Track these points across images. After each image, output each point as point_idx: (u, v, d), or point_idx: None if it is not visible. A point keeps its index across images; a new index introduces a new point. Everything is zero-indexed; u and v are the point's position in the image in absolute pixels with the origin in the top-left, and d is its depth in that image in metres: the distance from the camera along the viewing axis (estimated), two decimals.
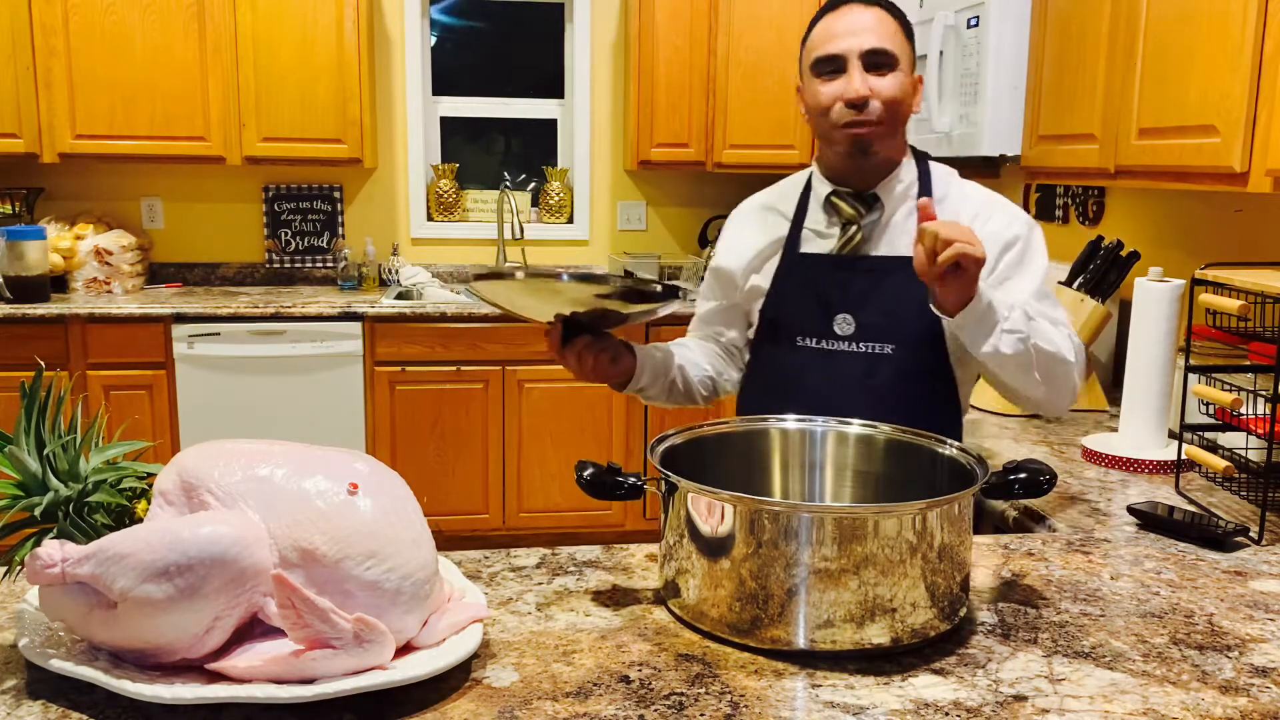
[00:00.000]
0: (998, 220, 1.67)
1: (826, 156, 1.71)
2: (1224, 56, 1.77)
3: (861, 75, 1.59)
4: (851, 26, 1.60)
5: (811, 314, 1.68)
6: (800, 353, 1.69)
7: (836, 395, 1.61)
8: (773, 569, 1.09)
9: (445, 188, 4.53)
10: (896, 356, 1.63)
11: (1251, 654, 1.13)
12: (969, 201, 1.70)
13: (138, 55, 3.88)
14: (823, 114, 1.63)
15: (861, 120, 1.60)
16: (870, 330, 1.64)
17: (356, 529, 0.99)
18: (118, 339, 3.74)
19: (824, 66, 1.62)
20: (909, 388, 1.63)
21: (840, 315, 1.66)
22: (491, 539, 3.99)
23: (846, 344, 1.66)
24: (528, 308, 1.54)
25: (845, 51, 1.60)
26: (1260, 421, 1.57)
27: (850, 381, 1.64)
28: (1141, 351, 1.94)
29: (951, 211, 1.67)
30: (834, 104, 1.61)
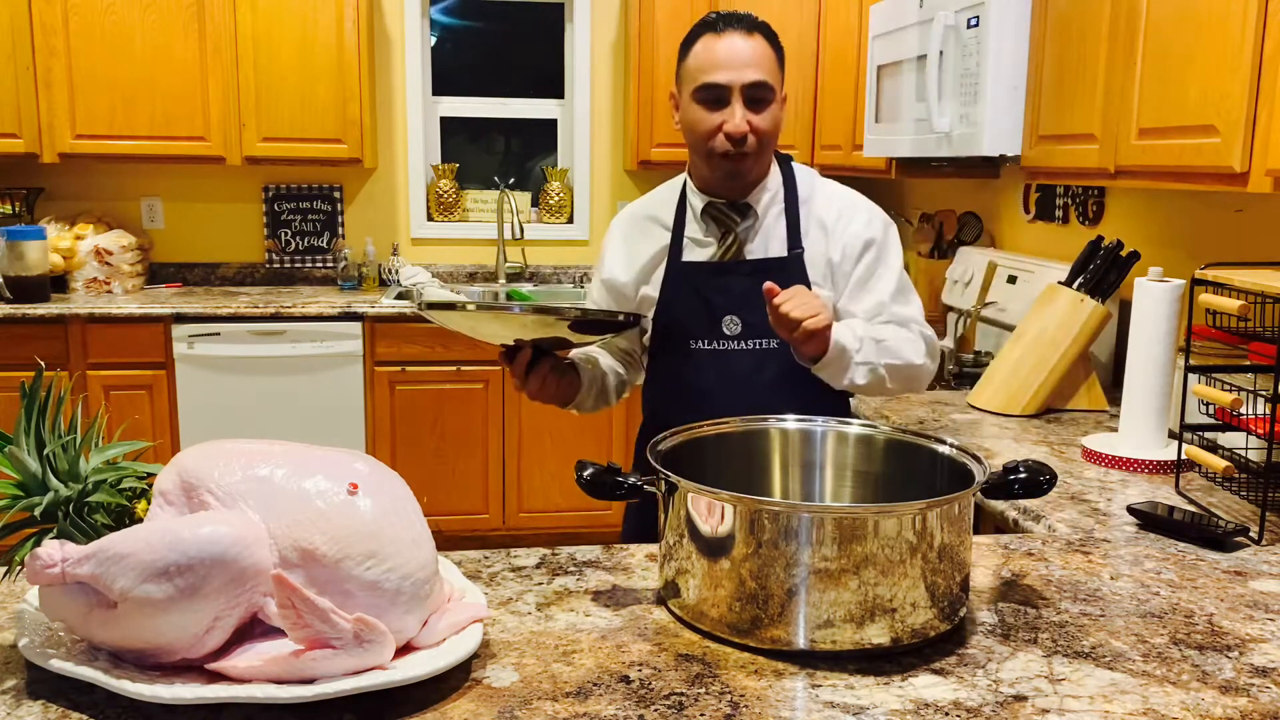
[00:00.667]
0: (859, 220, 1.81)
1: (701, 171, 1.80)
2: (1224, 56, 1.77)
3: (742, 111, 1.69)
4: (734, 57, 1.68)
5: (700, 318, 1.78)
6: (694, 355, 1.79)
7: (732, 391, 1.75)
8: (773, 569, 1.09)
9: (445, 188, 4.53)
10: (782, 350, 1.72)
11: (1251, 654, 1.14)
12: (832, 202, 1.82)
13: (138, 55, 3.89)
14: (702, 139, 1.72)
15: (737, 153, 1.71)
16: (756, 328, 1.74)
17: (356, 529, 0.99)
18: (118, 339, 3.75)
19: (706, 94, 1.70)
20: (797, 378, 1.73)
21: (727, 316, 1.77)
22: (491, 539, 3.99)
23: (736, 343, 1.77)
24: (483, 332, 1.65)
25: (729, 83, 1.68)
26: (1260, 421, 1.57)
27: (743, 377, 1.76)
28: (1141, 351, 1.94)
29: (817, 211, 1.80)
30: (714, 134, 1.70)
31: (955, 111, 2.66)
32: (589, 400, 1.86)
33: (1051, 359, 2.35)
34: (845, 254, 1.78)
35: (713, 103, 1.70)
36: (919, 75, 2.84)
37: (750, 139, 1.70)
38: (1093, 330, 2.35)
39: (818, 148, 4.05)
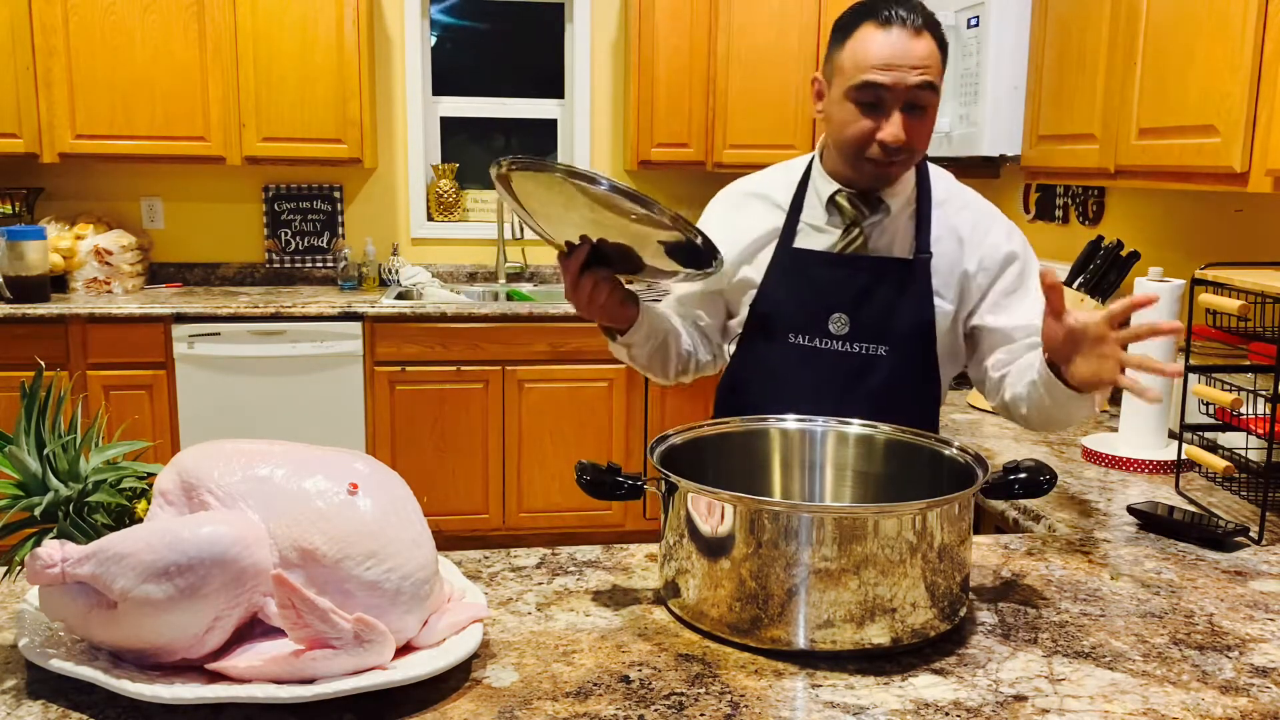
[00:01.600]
0: (997, 232, 1.69)
1: (838, 163, 1.65)
2: (1224, 57, 1.77)
3: (901, 120, 1.53)
4: (901, 57, 1.51)
5: (805, 310, 1.65)
6: (791, 349, 1.66)
7: (826, 394, 1.60)
8: (773, 569, 1.09)
9: (445, 188, 4.53)
10: (890, 358, 1.62)
11: (1251, 654, 1.13)
12: (968, 210, 1.70)
13: (138, 55, 3.88)
14: (852, 143, 1.58)
15: (892, 162, 1.57)
16: (865, 330, 1.63)
17: (356, 529, 0.99)
18: (118, 339, 3.74)
19: (863, 95, 1.54)
20: (900, 388, 1.63)
21: (836, 314, 1.63)
22: (491, 539, 3.99)
23: (840, 343, 1.64)
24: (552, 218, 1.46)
25: (892, 85, 1.51)
26: (1260, 421, 1.57)
27: (843, 381, 1.63)
28: (1142, 351, 1.94)
29: (951, 217, 1.67)
30: (868, 141, 1.56)
31: (955, 111, 2.66)
32: (645, 347, 1.66)
33: None
34: (983, 266, 1.65)
35: (869, 105, 1.53)
36: None
37: (905, 149, 1.55)
38: None
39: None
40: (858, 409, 1.47)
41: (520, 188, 1.43)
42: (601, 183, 1.35)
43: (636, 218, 1.38)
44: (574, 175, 1.36)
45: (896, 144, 1.54)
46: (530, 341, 3.89)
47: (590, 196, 1.37)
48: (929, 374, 1.66)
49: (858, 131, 1.56)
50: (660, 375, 1.74)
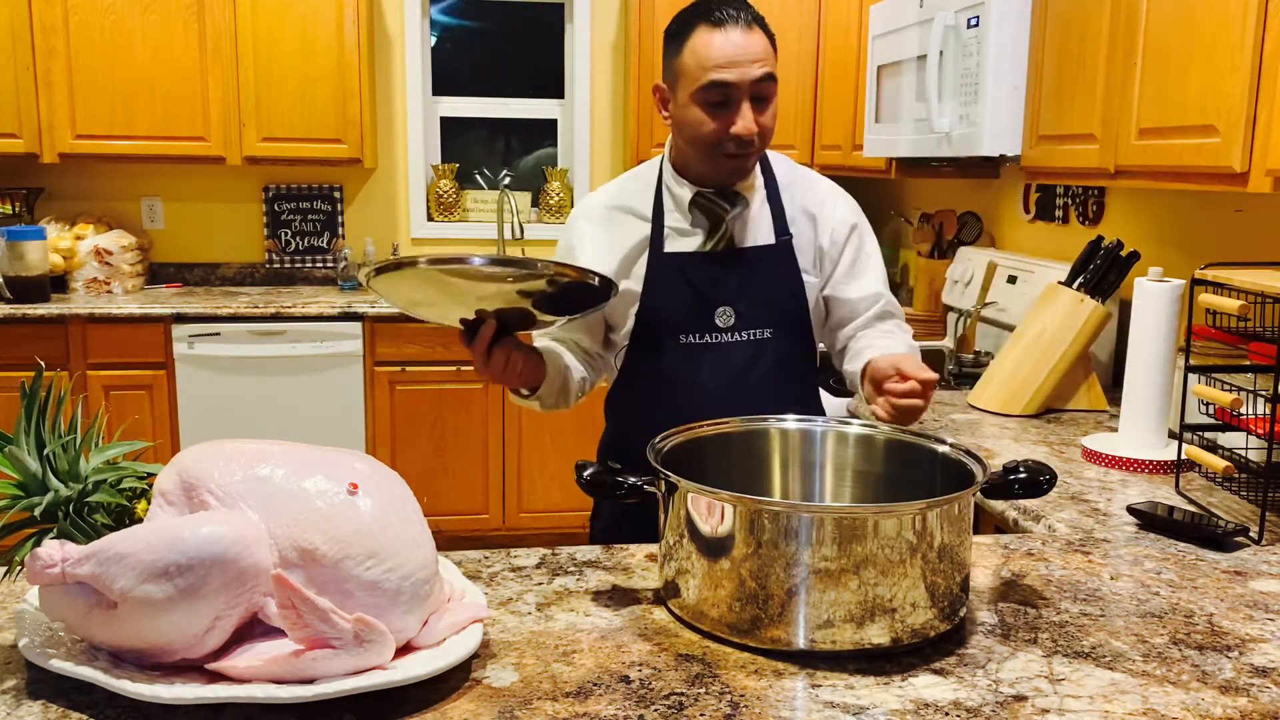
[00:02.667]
0: (842, 206, 1.80)
1: (692, 164, 1.71)
2: (1224, 56, 1.77)
3: (750, 112, 1.61)
4: (739, 54, 1.58)
5: (691, 311, 1.71)
6: (684, 349, 1.72)
7: (723, 385, 1.70)
8: (773, 569, 1.09)
9: (445, 188, 4.53)
10: (774, 339, 1.72)
11: (1251, 654, 1.14)
12: (814, 189, 1.80)
13: (138, 55, 3.89)
14: (706, 141, 1.64)
15: (747, 154, 1.65)
16: (750, 318, 1.71)
17: (356, 529, 0.99)
18: (118, 339, 3.75)
19: (712, 94, 1.60)
20: (788, 366, 1.74)
21: (720, 308, 1.71)
22: (491, 539, 3.99)
23: (729, 335, 1.72)
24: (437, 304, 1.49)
25: (737, 82, 1.59)
26: (1260, 421, 1.57)
27: (737, 370, 1.71)
28: (1141, 351, 1.94)
29: (799, 198, 1.77)
30: (721, 138, 1.63)
31: (955, 111, 2.66)
32: (551, 393, 1.72)
33: (1051, 359, 2.35)
34: (833, 239, 1.77)
35: (717, 105, 1.61)
36: (919, 75, 2.84)
37: (757, 139, 1.64)
38: (1093, 330, 2.35)
39: (818, 148, 4.06)
40: (755, 392, 1.59)
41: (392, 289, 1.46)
42: (473, 260, 1.38)
43: (520, 279, 1.42)
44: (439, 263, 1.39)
45: (750, 136, 1.62)
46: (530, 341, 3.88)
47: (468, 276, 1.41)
48: (808, 347, 1.80)
49: (711, 130, 1.63)
50: (563, 407, 1.80)
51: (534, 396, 1.70)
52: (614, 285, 1.50)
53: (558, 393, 1.74)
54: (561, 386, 1.74)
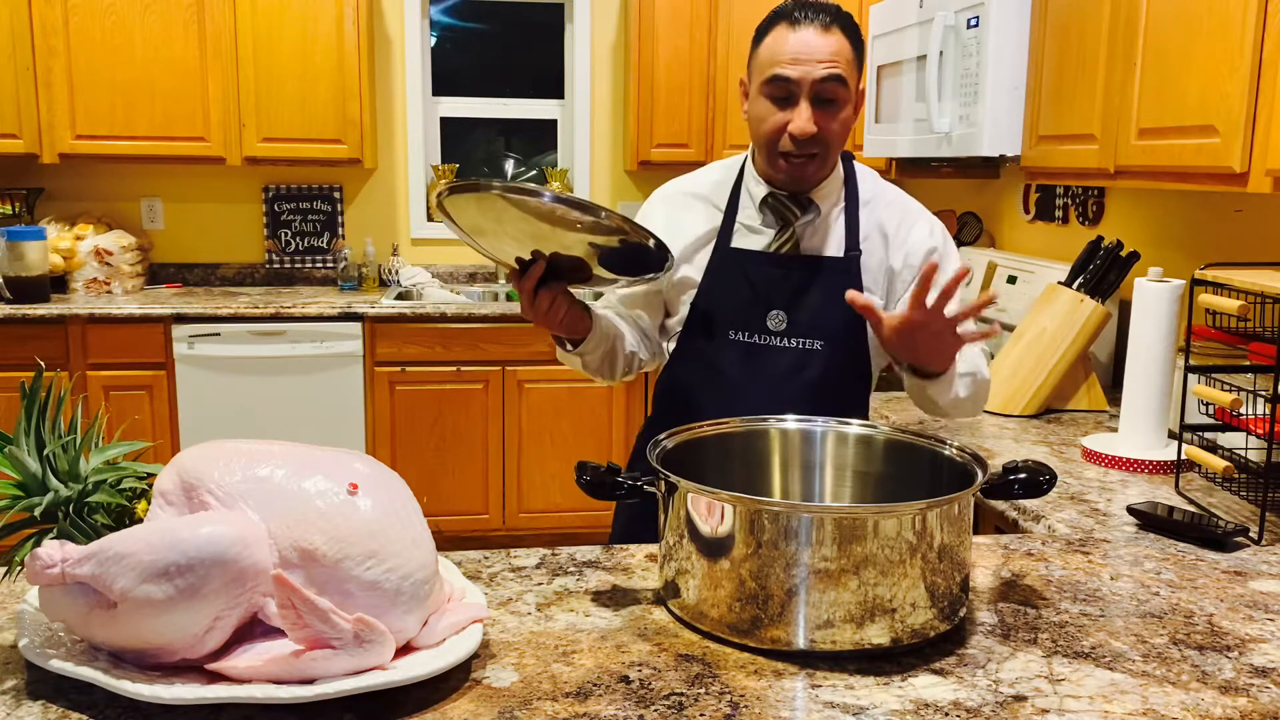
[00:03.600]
0: (921, 228, 1.74)
1: (763, 165, 1.71)
2: (1224, 56, 1.77)
3: (809, 112, 1.59)
4: (808, 51, 1.58)
5: (745, 308, 1.70)
6: (731, 346, 1.71)
7: (765, 389, 1.67)
8: (773, 569, 1.09)
9: None
10: (825, 352, 1.68)
11: (1251, 654, 1.14)
12: (894, 208, 1.75)
13: (138, 55, 3.89)
14: (766, 136, 1.64)
15: (803, 155, 1.62)
16: (802, 326, 1.68)
17: (356, 529, 0.99)
18: (118, 339, 3.75)
19: (774, 89, 1.60)
20: (834, 383, 1.69)
21: (773, 311, 1.69)
22: (491, 539, 3.99)
23: (778, 339, 1.69)
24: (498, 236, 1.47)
25: (799, 79, 1.58)
26: (1260, 421, 1.57)
27: (781, 376, 1.69)
28: (1141, 352, 1.94)
29: (878, 215, 1.73)
30: (779, 134, 1.62)
31: (955, 112, 2.66)
32: (596, 354, 1.70)
33: (1051, 359, 2.35)
34: (907, 262, 1.71)
35: (780, 99, 1.60)
36: (919, 75, 2.84)
37: (816, 140, 1.61)
38: (1093, 330, 2.35)
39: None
40: (795, 401, 1.54)
41: (459, 211, 1.45)
42: (544, 195, 1.37)
43: (583, 226, 1.40)
44: (513, 191, 1.38)
45: (804, 135, 1.59)
46: (530, 342, 3.89)
47: (532, 210, 1.39)
48: (861, 367, 1.73)
49: (770, 125, 1.63)
50: (607, 378, 1.78)
51: (577, 351, 1.68)
52: (670, 256, 1.48)
53: (603, 357, 1.72)
54: (609, 352, 1.72)
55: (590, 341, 1.67)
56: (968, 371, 1.65)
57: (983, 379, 1.70)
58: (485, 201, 1.40)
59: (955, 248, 1.79)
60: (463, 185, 1.39)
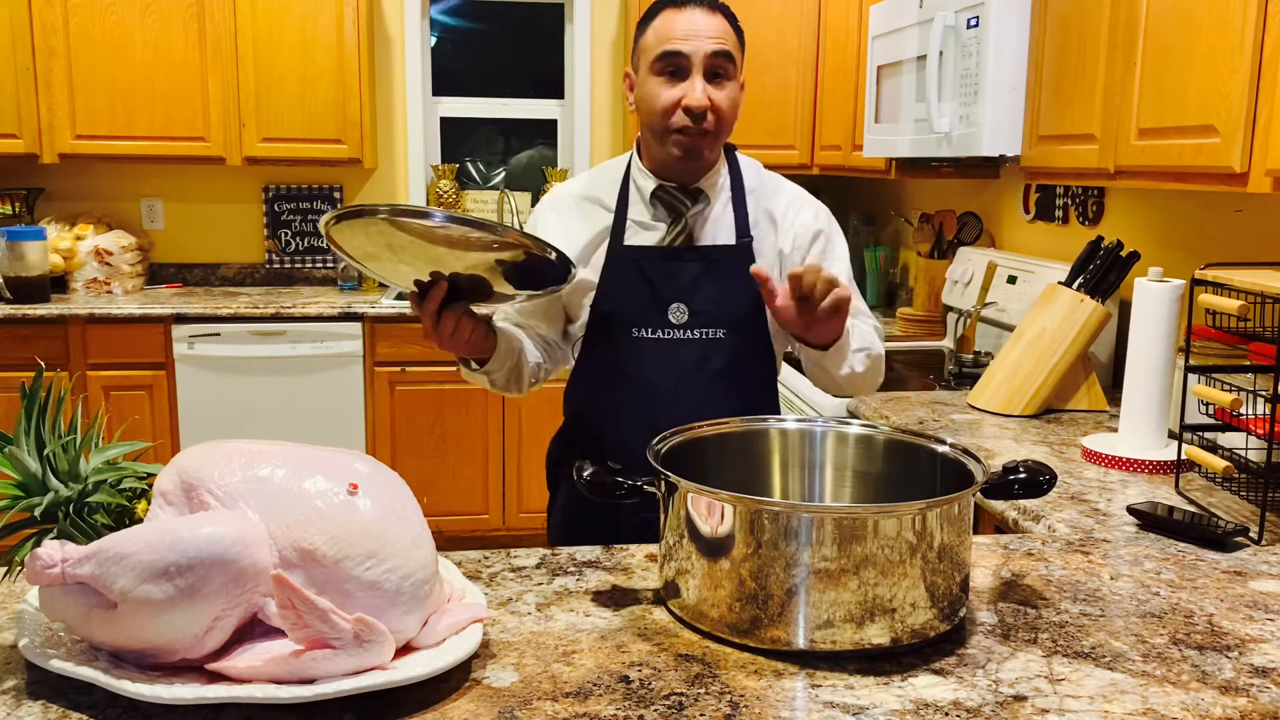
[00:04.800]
0: (807, 212, 1.79)
1: (653, 152, 1.73)
2: (1224, 56, 1.77)
3: (703, 84, 1.62)
4: (696, 29, 1.62)
5: (645, 305, 1.71)
6: (636, 343, 1.71)
7: (674, 382, 1.70)
8: (772, 569, 1.09)
9: (445, 188, 4.53)
10: (728, 340, 1.70)
11: (1251, 654, 1.14)
12: (780, 193, 1.80)
13: (138, 55, 3.89)
14: (660, 115, 1.65)
15: (697, 130, 1.64)
16: (703, 316, 1.70)
17: (356, 529, 0.99)
18: (118, 339, 3.75)
19: (665, 65, 1.63)
20: (740, 369, 1.72)
21: (674, 304, 1.70)
22: (491, 539, 3.99)
23: (682, 332, 1.71)
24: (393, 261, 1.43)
25: (690, 53, 1.62)
26: (1260, 421, 1.57)
27: (687, 368, 1.70)
28: (1141, 352, 1.94)
29: (765, 202, 1.77)
30: (674, 109, 1.64)
31: (955, 112, 2.66)
32: (502, 371, 1.70)
33: (1051, 359, 2.35)
34: (795, 244, 1.76)
35: (671, 74, 1.63)
36: (919, 75, 2.84)
37: (710, 116, 1.63)
38: (1093, 330, 2.35)
39: (818, 148, 4.06)
40: (704, 391, 1.58)
41: (348, 239, 1.41)
42: (435, 215, 1.34)
43: (479, 244, 1.37)
44: (402, 214, 1.35)
45: (701, 108, 1.62)
46: None
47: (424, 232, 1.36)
48: (765, 350, 1.76)
49: (663, 102, 1.64)
50: (514, 391, 1.78)
51: (483, 370, 1.68)
52: (572, 265, 1.46)
53: (509, 372, 1.72)
54: (514, 367, 1.73)
55: (496, 359, 1.66)
56: (861, 347, 1.69)
57: (877, 354, 1.74)
58: (374, 227, 1.36)
59: (840, 230, 1.85)
60: (349, 212, 1.35)
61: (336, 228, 1.38)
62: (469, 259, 1.40)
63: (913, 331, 3.57)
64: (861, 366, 1.69)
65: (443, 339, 1.53)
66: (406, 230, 1.36)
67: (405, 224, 1.35)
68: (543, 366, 1.81)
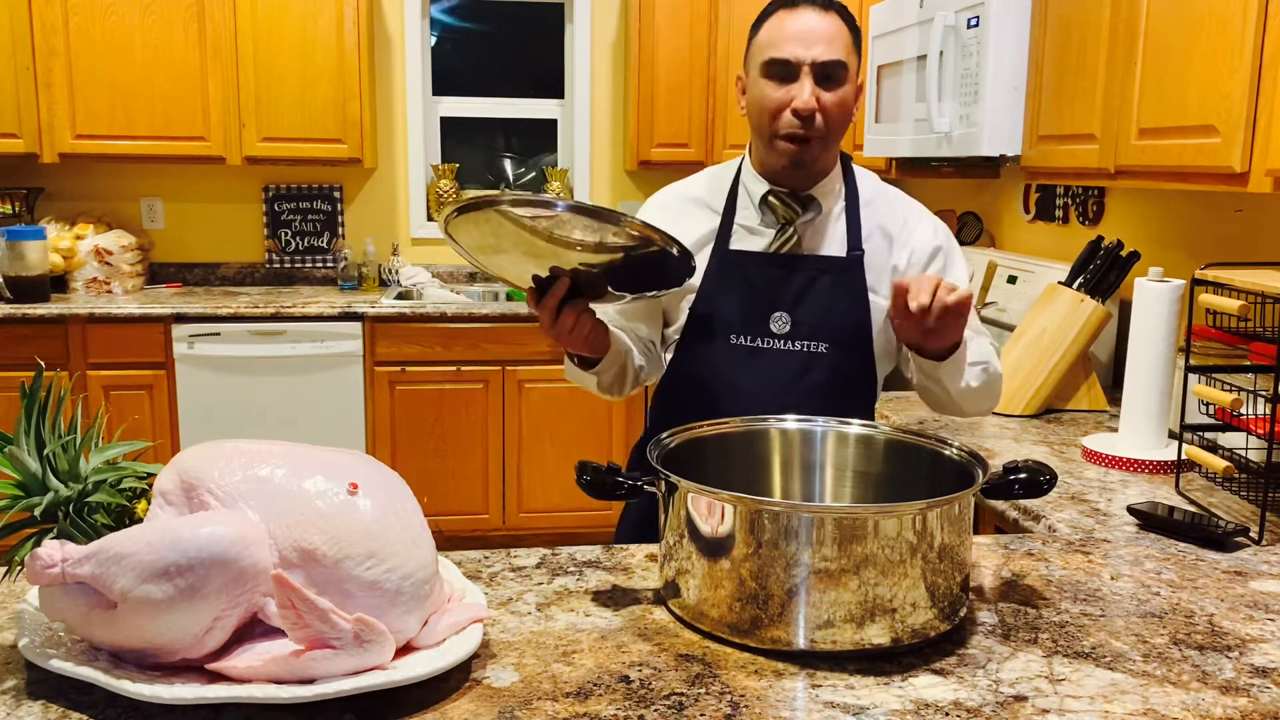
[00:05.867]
0: (924, 228, 1.73)
1: (763, 156, 1.69)
2: (1224, 57, 1.77)
3: (811, 87, 1.58)
4: (807, 32, 1.58)
5: (746, 311, 1.66)
6: (734, 350, 1.67)
7: (769, 393, 1.63)
8: (773, 569, 1.09)
9: (445, 188, 4.53)
10: (830, 355, 1.65)
11: (1251, 654, 1.13)
12: (896, 208, 1.73)
13: (138, 55, 3.89)
14: (768, 117, 1.62)
15: (806, 134, 1.60)
16: (805, 329, 1.65)
17: (356, 529, 0.99)
18: (118, 339, 3.75)
19: (775, 69, 1.60)
20: (840, 385, 1.66)
21: (776, 313, 1.65)
22: (491, 539, 3.99)
23: (782, 342, 1.65)
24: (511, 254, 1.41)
25: (799, 59, 1.58)
26: (1260, 421, 1.57)
27: (785, 380, 1.65)
28: (1141, 351, 1.94)
29: (879, 215, 1.71)
30: (781, 111, 1.60)
31: (955, 111, 2.66)
32: (610, 372, 1.65)
33: (1051, 359, 2.35)
34: (912, 261, 1.69)
35: (781, 79, 1.59)
36: (919, 75, 2.84)
37: (819, 119, 1.58)
38: (1093, 330, 2.35)
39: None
40: (800, 405, 1.50)
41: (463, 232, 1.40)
42: (558, 205, 1.31)
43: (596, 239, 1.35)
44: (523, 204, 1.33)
45: (809, 111, 1.58)
46: (530, 341, 3.89)
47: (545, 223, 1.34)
48: (867, 369, 1.69)
49: (771, 104, 1.61)
50: (616, 395, 1.74)
51: (593, 371, 1.63)
52: (693, 262, 1.43)
53: (616, 373, 1.68)
54: (621, 368, 1.68)
55: (607, 359, 1.62)
56: (978, 361, 1.63)
57: (995, 371, 1.67)
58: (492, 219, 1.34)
59: (959, 247, 1.78)
60: (469, 205, 1.33)
61: (455, 222, 1.36)
62: (587, 253, 1.38)
63: None
64: (977, 381, 1.63)
65: (561, 335, 1.49)
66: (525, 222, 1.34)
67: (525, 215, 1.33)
68: (644, 368, 1.75)
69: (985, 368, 1.64)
